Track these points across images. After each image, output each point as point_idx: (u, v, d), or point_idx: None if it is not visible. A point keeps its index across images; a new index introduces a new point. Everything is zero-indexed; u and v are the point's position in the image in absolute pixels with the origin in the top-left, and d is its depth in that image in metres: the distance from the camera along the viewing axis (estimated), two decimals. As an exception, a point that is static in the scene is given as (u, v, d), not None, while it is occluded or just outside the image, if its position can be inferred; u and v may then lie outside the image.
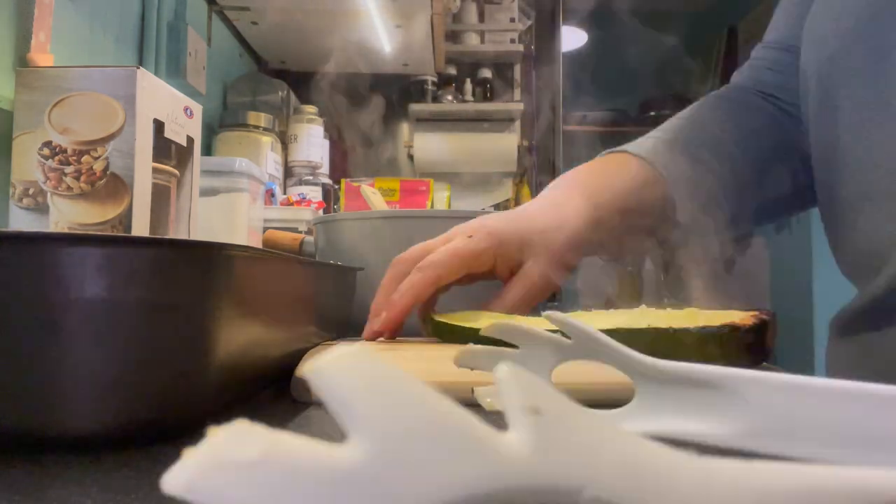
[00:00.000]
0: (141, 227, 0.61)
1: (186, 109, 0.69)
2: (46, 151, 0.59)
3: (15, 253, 0.22)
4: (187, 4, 1.41)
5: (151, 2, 1.30)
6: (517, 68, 2.41)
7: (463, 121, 2.27)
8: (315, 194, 1.73)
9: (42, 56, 0.88)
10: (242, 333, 0.29)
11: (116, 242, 0.23)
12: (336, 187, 1.83)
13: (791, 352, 2.32)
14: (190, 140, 0.70)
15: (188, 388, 0.25)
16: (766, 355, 0.35)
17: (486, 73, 2.38)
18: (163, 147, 0.65)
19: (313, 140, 1.84)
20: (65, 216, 0.60)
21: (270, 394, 0.34)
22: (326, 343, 0.45)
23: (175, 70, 1.36)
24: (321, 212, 1.61)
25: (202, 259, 0.25)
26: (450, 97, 2.29)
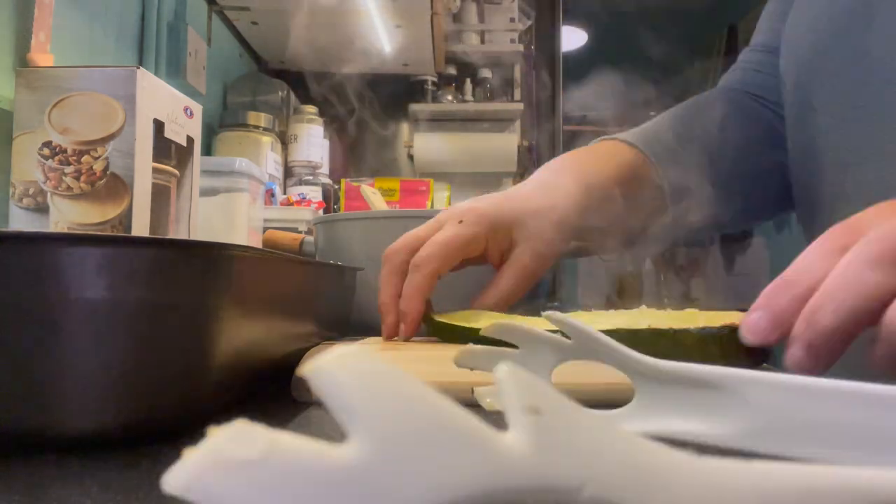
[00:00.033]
0: (141, 227, 0.61)
1: (186, 109, 0.69)
2: (46, 151, 0.59)
3: (15, 253, 0.22)
4: (187, 4, 1.41)
5: (151, 2, 1.30)
6: (517, 68, 2.41)
7: (463, 121, 2.27)
8: (315, 194, 1.73)
9: (42, 56, 0.88)
10: (242, 333, 0.29)
11: (116, 242, 0.23)
12: (336, 187, 1.83)
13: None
14: (190, 140, 0.70)
15: (188, 388, 0.25)
16: (766, 355, 0.35)
17: (486, 73, 2.38)
18: (163, 147, 0.65)
19: (313, 140, 1.84)
20: (65, 216, 0.60)
21: (270, 394, 0.34)
22: (326, 343, 0.45)
23: (175, 70, 1.36)
24: (321, 212, 1.61)
25: (202, 259, 0.25)
26: (450, 97, 2.29)
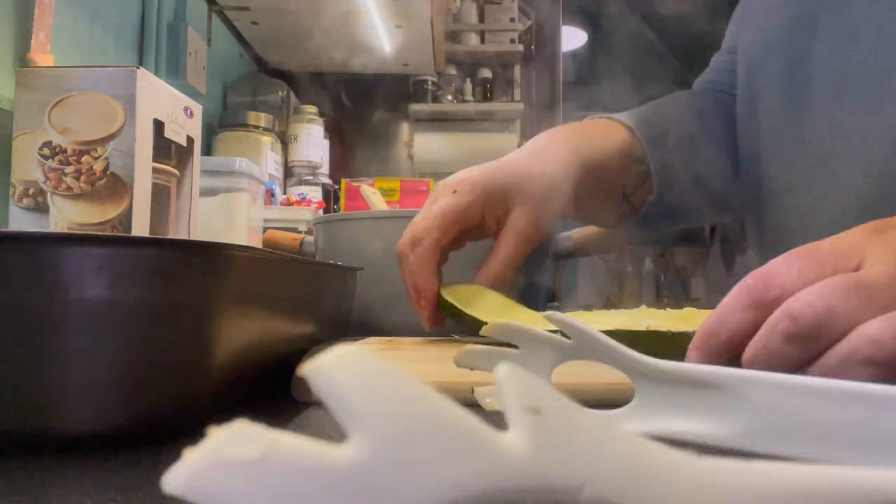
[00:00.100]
0: (141, 227, 0.61)
1: (186, 109, 0.69)
2: (46, 151, 0.59)
3: (15, 253, 0.22)
4: (187, 4, 1.41)
5: (151, 2, 1.30)
6: (517, 68, 2.42)
7: (463, 121, 2.27)
8: (315, 194, 1.73)
9: (42, 56, 0.88)
10: (242, 333, 0.29)
11: (116, 242, 0.23)
12: (336, 187, 1.83)
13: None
14: (190, 140, 0.70)
15: (188, 388, 0.25)
16: None
17: (486, 73, 2.38)
18: (163, 147, 0.65)
19: (313, 140, 1.84)
20: (65, 216, 0.60)
21: (270, 394, 0.34)
22: (326, 343, 0.45)
23: (175, 70, 1.36)
24: (321, 212, 1.61)
25: (202, 259, 0.25)
26: (450, 97, 2.29)
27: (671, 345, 0.35)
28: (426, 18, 1.71)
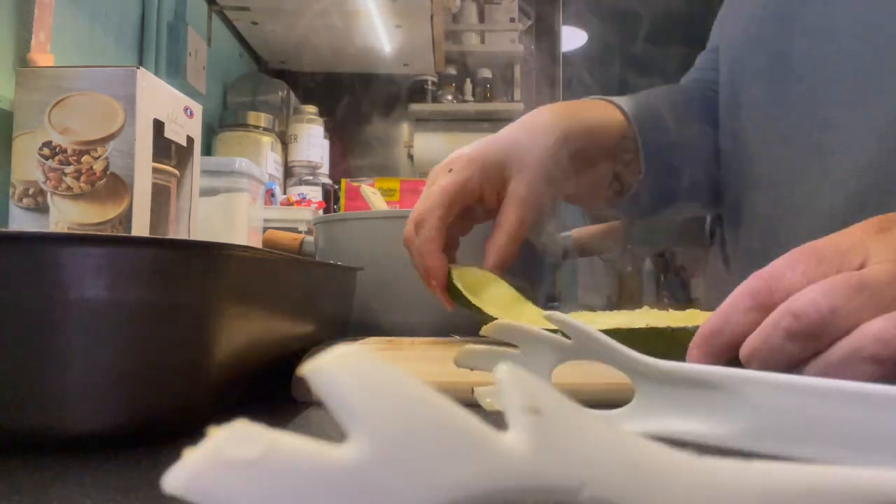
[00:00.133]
0: (141, 227, 0.61)
1: (186, 109, 0.69)
2: (46, 151, 0.59)
3: (15, 253, 0.22)
4: (187, 4, 1.41)
5: (151, 2, 1.30)
6: (517, 68, 2.41)
7: (463, 121, 2.27)
8: (315, 194, 1.73)
9: (42, 56, 0.88)
10: (242, 333, 0.29)
11: (116, 242, 0.23)
12: (336, 187, 1.83)
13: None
14: (190, 140, 0.70)
15: (188, 388, 0.25)
16: None
17: (486, 73, 2.38)
18: (163, 147, 0.65)
19: (313, 140, 1.84)
20: (65, 216, 0.60)
21: (270, 394, 0.34)
22: (326, 343, 0.45)
23: (175, 70, 1.36)
24: (321, 212, 1.61)
25: (202, 259, 0.25)
26: (450, 97, 2.29)
27: (671, 341, 0.35)
28: (426, 18, 1.71)
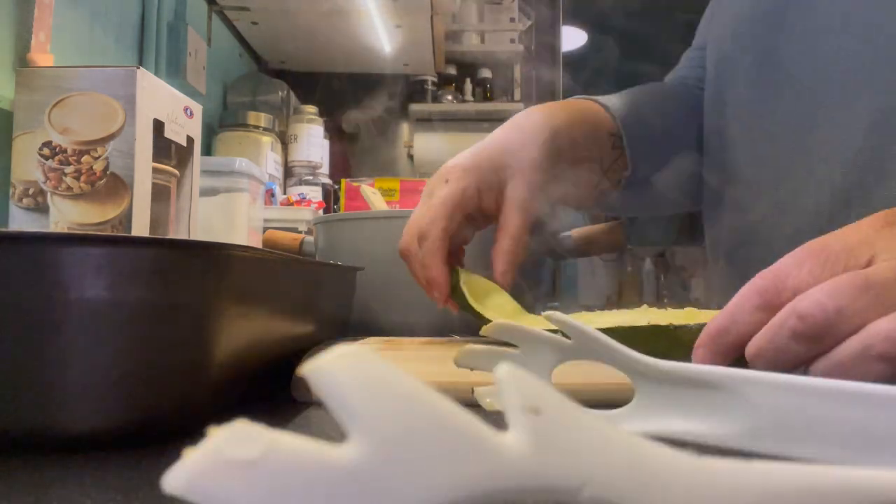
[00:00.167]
0: (141, 227, 0.61)
1: (186, 109, 0.69)
2: (46, 151, 0.59)
3: (15, 253, 0.22)
4: (187, 4, 1.41)
5: (151, 2, 1.30)
6: (517, 68, 2.41)
7: (463, 121, 2.27)
8: (315, 194, 1.73)
9: (42, 56, 0.88)
10: (242, 333, 0.29)
11: (116, 242, 0.23)
12: (336, 187, 1.83)
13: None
14: (190, 140, 0.70)
15: (188, 388, 0.25)
16: None
17: (486, 73, 2.38)
18: (163, 147, 0.65)
19: (313, 140, 1.84)
20: (65, 216, 0.60)
21: (270, 394, 0.34)
22: (326, 343, 0.45)
23: (175, 70, 1.36)
24: (321, 212, 1.61)
25: (202, 259, 0.25)
26: (450, 97, 2.29)
27: (673, 339, 0.35)
28: (426, 18, 1.71)
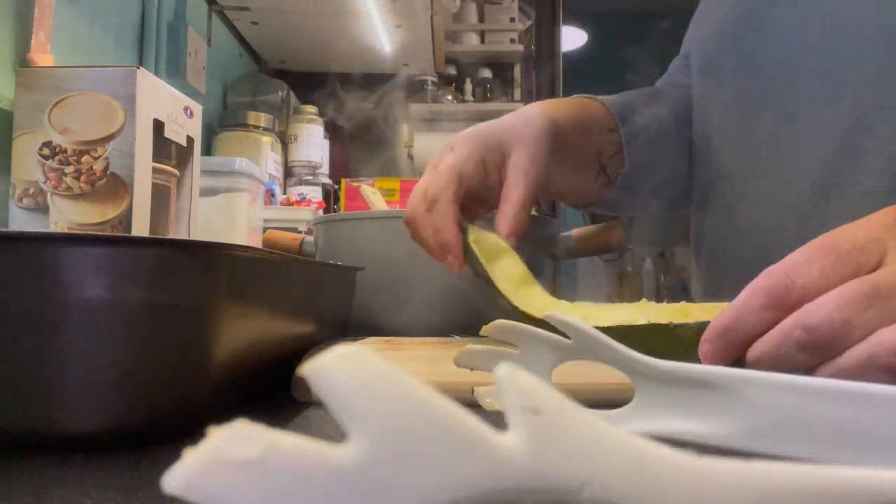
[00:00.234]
0: (141, 227, 0.61)
1: (186, 109, 0.69)
2: (46, 151, 0.59)
3: (15, 253, 0.22)
4: (187, 4, 1.41)
5: (151, 2, 1.30)
6: (517, 68, 2.41)
7: (463, 121, 2.27)
8: (315, 194, 1.73)
9: (42, 56, 0.88)
10: (242, 333, 0.29)
11: (116, 242, 0.23)
12: (336, 187, 1.83)
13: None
14: (190, 140, 0.70)
15: (188, 388, 0.25)
16: None
17: (486, 73, 2.38)
18: (163, 147, 0.65)
19: (313, 140, 1.84)
20: (65, 216, 0.60)
21: (270, 394, 0.34)
22: (326, 343, 0.45)
23: (175, 70, 1.36)
24: (321, 212, 1.61)
25: (202, 259, 0.25)
26: (450, 97, 2.29)
27: (672, 337, 0.35)
28: (426, 18, 1.71)
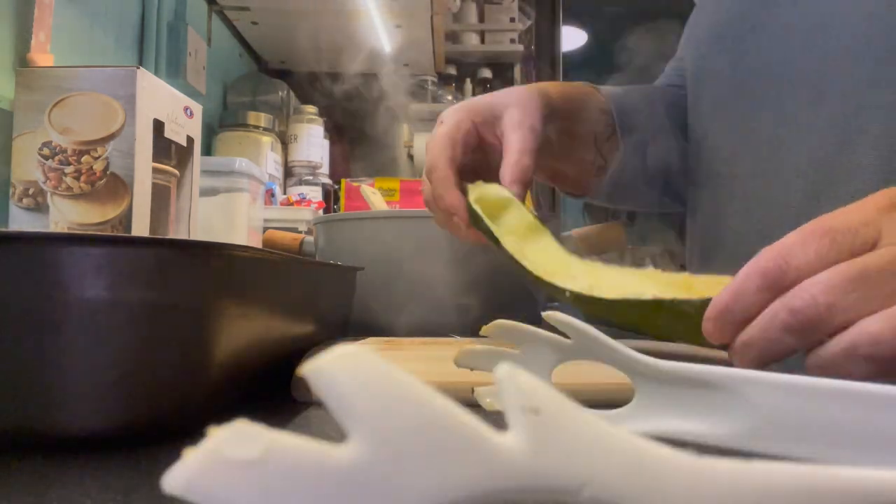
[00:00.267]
0: (141, 227, 0.61)
1: (186, 109, 0.69)
2: (46, 151, 0.59)
3: (15, 253, 0.22)
4: (187, 4, 1.41)
5: (151, 2, 1.30)
6: (517, 68, 2.41)
7: (463, 121, 2.26)
8: (315, 194, 1.73)
9: (42, 56, 0.88)
10: (242, 333, 0.29)
11: (116, 242, 0.23)
12: (336, 187, 1.83)
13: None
14: (190, 140, 0.70)
15: (188, 388, 0.25)
16: None
17: (486, 73, 2.38)
18: (163, 147, 0.65)
19: (313, 140, 1.84)
20: (65, 216, 0.60)
21: (270, 394, 0.34)
22: (326, 343, 0.45)
23: (175, 70, 1.36)
24: (321, 212, 1.61)
25: (202, 259, 0.25)
26: (450, 97, 2.29)
27: (675, 312, 0.35)
28: (426, 18, 1.71)
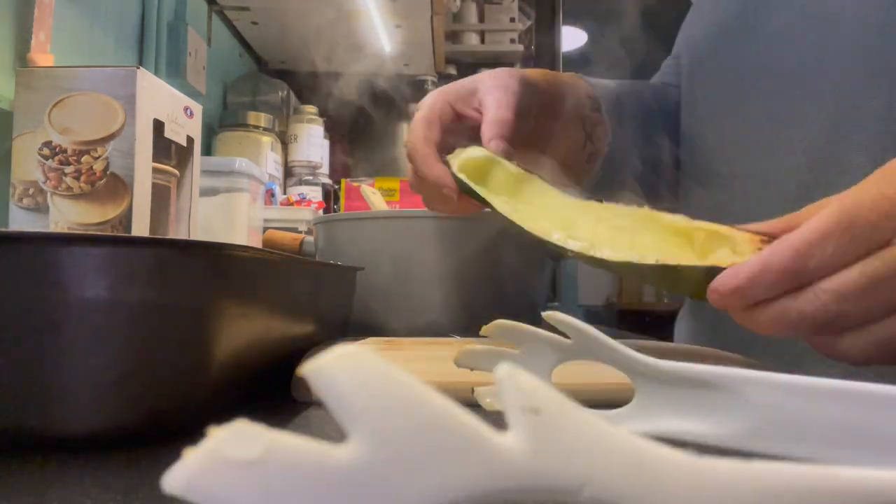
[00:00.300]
0: (141, 227, 0.61)
1: (186, 109, 0.69)
2: (46, 151, 0.59)
3: (15, 253, 0.22)
4: (187, 4, 1.41)
5: (151, 2, 1.30)
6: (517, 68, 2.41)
7: (463, 121, 2.26)
8: (315, 194, 1.73)
9: (42, 56, 0.88)
10: (242, 333, 0.29)
11: (116, 242, 0.23)
12: (336, 187, 1.83)
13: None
14: (190, 140, 0.70)
15: (188, 388, 0.25)
16: None
17: (486, 73, 2.37)
18: (163, 147, 0.65)
19: (313, 140, 1.84)
20: (65, 216, 0.60)
21: (270, 394, 0.34)
22: (326, 343, 0.45)
23: (175, 70, 1.36)
24: (321, 212, 1.61)
25: (202, 259, 0.25)
26: (450, 97, 2.29)
27: (679, 277, 0.35)
28: (426, 18, 1.71)
